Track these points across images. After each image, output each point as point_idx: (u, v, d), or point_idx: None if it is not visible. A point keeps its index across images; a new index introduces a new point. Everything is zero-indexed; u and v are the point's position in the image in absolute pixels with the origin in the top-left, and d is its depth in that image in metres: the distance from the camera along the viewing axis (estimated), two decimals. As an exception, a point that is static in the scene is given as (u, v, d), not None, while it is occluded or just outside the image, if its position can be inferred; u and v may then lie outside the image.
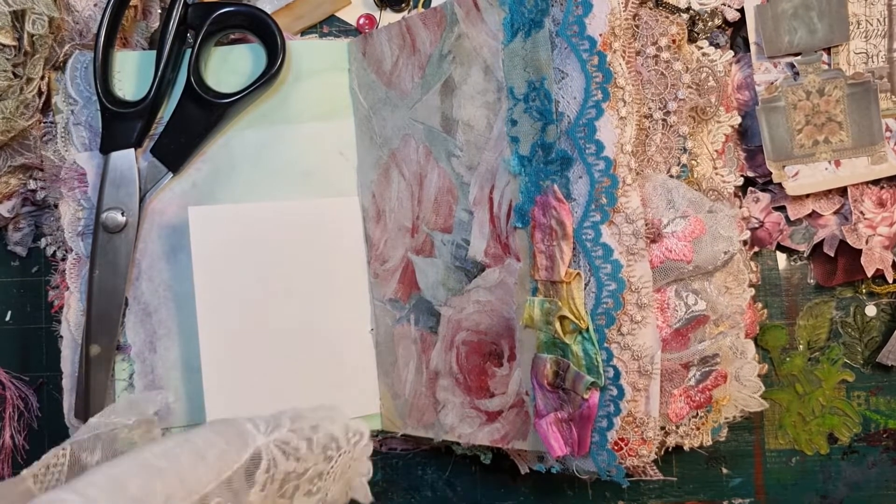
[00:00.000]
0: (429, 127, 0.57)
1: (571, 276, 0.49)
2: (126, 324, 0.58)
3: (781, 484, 0.62)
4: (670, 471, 0.62)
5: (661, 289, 0.52)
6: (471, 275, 0.55)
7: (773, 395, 0.61)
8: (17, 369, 0.62)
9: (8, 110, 0.56)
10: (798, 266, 0.61)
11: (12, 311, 0.63)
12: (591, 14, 0.48)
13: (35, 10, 0.54)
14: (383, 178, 0.59)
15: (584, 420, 0.49)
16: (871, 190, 0.58)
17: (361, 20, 0.63)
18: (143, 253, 0.58)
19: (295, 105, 0.60)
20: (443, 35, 0.55)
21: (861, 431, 0.61)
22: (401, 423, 0.59)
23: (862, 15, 0.56)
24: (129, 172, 0.57)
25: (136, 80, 0.58)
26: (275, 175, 0.59)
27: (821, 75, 0.56)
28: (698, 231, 0.52)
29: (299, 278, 0.58)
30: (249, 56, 0.59)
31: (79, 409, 0.56)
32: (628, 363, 0.49)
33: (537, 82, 0.50)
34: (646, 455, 0.49)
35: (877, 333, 0.61)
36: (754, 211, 0.59)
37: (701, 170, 0.56)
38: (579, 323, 0.49)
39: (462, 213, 0.55)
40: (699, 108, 0.55)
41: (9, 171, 0.59)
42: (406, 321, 0.59)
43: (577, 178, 0.49)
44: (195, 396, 0.57)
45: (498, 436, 0.54)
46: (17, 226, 0.62)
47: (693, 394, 0.53)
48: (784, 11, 0.56)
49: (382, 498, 0.63)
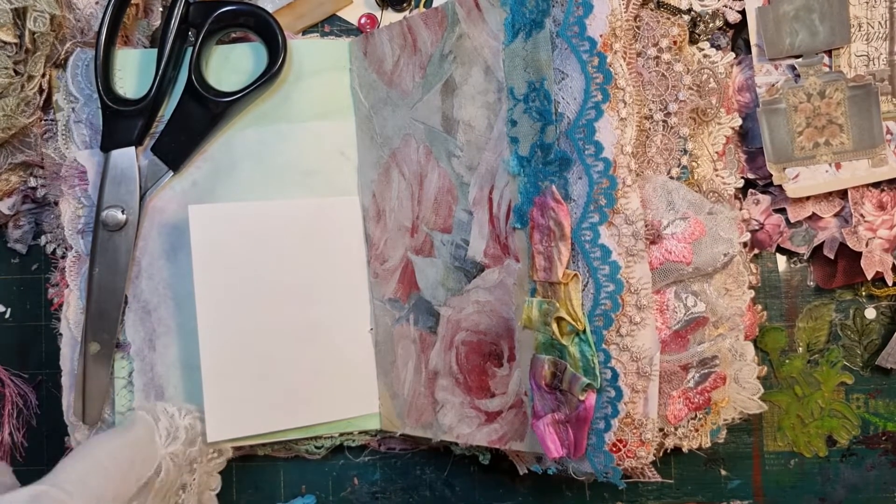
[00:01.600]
0: (429, 127, 0.57)
1: (569, 278, 0.49)
2: (126, 322, 0.58)
3: (780, 486, 0.61)
4: (669, 472, 0.62)
5: (661, 290, 0.52)
6: (470, 275, 0.55)
7: (772, 398, 0.61)
8: (17, 367, 0.62)
9: (9, 107, 0.56)
10: (798, 268, 0.61)
11: (12, 308, 0.63)
12: (592, 15, 0.48)
13: (37, 8, 0.54)
14: (384, 177, 0.59)
15: (581, 422, 0.49)
16: (871, 193, 0.57)
17: (363, 19, 0.63)
18: (143, 251, 0.58)
19: (296, 104, 0.60)
20: (444, 35, 0.55)
21: (860, 434, 0.61)
22: (399, 423, 0.59)
23: (863, 17, 0.56)
24: (130, 170, 0.57)
25: (137, 78, 0.58)
26: (275, 174, 0.59)
27: (822, 78, 0.56)
28: (698, 233, 0.52)
29: (299, 277, 0.58)
30: (250, 55, 0.60)
31: (78, 407, 0.57)
32: (627, 365, 0.49)
33: (537, 83, 0.50)
34: (644, 456, 0.49)
35: (876, 336, 0.61)
36: (754, 213, 0.59)
37: (701, 171, 0.56)
38: (576, 324, 0.49)
39: (462, 213, 0.55)
40: (700, 109, 0.55)
41: (9, 168, 0.59)
42: (405, 321, 0.59)
43: (575, 179, 0.49)
44: (194, 394, 0.57)
45: (496, 436, 0.54)
46: (17, 223, 0.62)
47: (692, 395, 0.53)
48: (785, 13, 0.56)
49: (381, 498, 0.63)
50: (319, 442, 0.61)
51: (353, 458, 0.63)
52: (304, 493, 0.63)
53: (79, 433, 0.57)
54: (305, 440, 0.60)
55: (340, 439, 0.61)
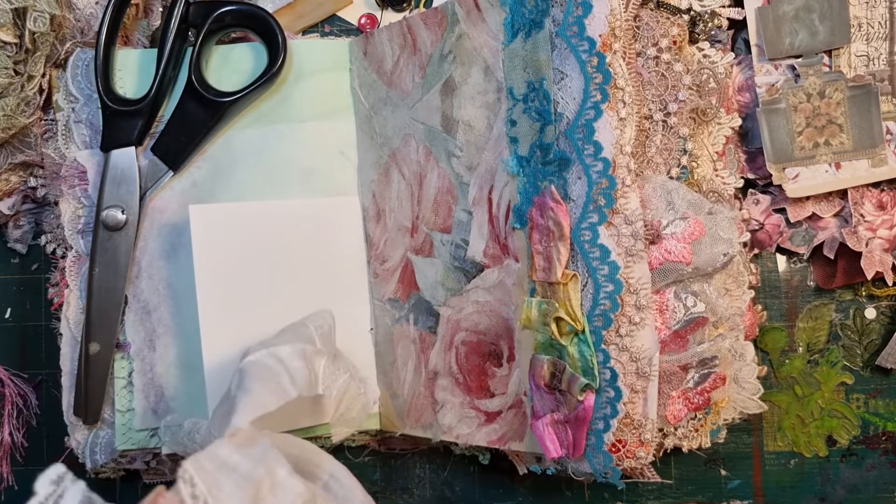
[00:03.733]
0: (429, 127, 0.57)
1: (568, 278, 0.49)
2: (125, 322, 0.58)
3: (780, 486, 0.61)
4: (669, 472, 0.62)
5: (660, 290, 0.52)
6: (470, 275, 0.55)
7: (772, 398, 0.61)
8: (17, 367, 0.62)
9: (9, 107, 0.56)
10: (798, 268, 0.61)
11: (12, 308, 0.63)
12: (591, 15, 0.48)
13: (37, 8, 0.54)
14: (383, 177, 0.59)
15: (580, 422, 0.49)
16: (871, 193, 0.57)
17: (363, 19, 0.63)
18: (142, 251, 0.58)
19: (296, 104, 0.60)
20: (444, 35, 0.55)
21: (860, 434, 0.61)
22: (399, 423, 0.59)
23: (863, 17, 0.56)
24: (130, 170, 0.57)
25: (137, 78, 0.58)
26: (275, 174, 0.59)
27: (822, 78, 0.56)
28: (698, 233, 0.52)
29: (299, 277, 0.58)
30: (250, 55, 0.60)
31: (78, 407, 0.57)
32: (626, 365, 0.49)
33: (536, 83, 0.50)
34: (643, 457, 0.49)
35: (876, 336, 0.61)
36: (754, 213, 0.59)
37: (701, 171, 0.56)
38: (575, 324, 0.49)
39: (461, 213, 0.55)
40: (700, 109, 0.55)
41: (9, 168, 0.59)
42: (405, 321, 0.59)
43: (574, 179, 0.49)
44: (194, 394, 0.57)
45: (495, 437, 0.54)
46: (17, 223, 0.62)
47: (691, 396, 0.53)
48: (785, 13, 0.56)
49: (380, 497, 0.63)
50: (319, 442, 0.61)
51: (353, 458, 0.63)
52: (303, 493, 0.63)
53: (79, 433, 0.57)
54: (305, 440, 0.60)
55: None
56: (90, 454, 0.57)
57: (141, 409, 0.57)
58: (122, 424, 0.57)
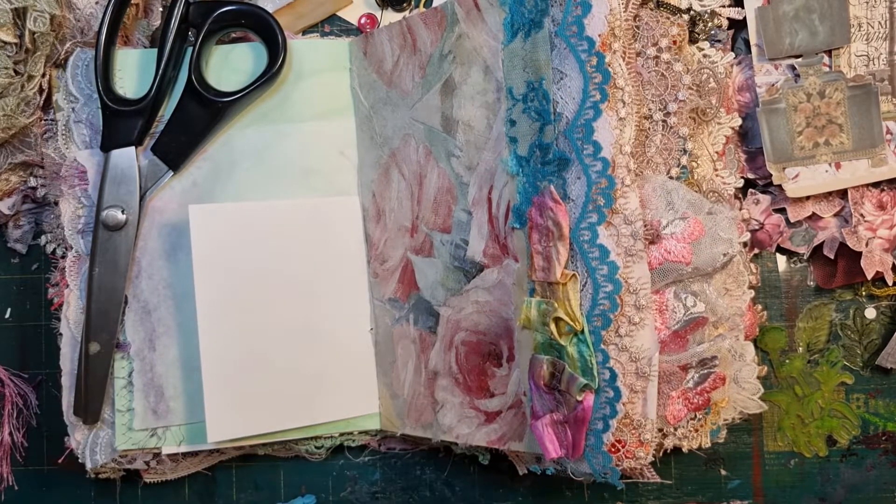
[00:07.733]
0: (429, 127, 0.57)
1: (567, 278, 0.49)
2: (125, 322, 0.58)
3: (780, 486, 0.61)
4: (669, 472, 0.62)
5: (660, 290, 0.52)
6: (469, 275, 0.55)
7: (772, 398, 0.61)
8: (17, 367, 0.62)
9: (9, 107, 0.56)
10: (798, 268, 0.61)
11: (12, 308, 0.63)
12: (590, 14, 0.48)
13: (37, 8, 0.54)
14: (383, 177, 0.59)
15: (579, 422, 0.49)
16: (871, 192, 0.57)
17: (363, 19, 0.63)
18: (142, 251, 0.58)
19: (296, 104, 0.60)
20: (443, 35, 0.55)
21: (860, 434, 0.61)
22: (399, 423, 0.59)
23: (863, 17, 0.56)
24: (130, 170, 0.57)
25: (137, 78, 0.58)
26: (275, 174, 0.59)
27: (822, 78, 0.56)
28: (697, 233, 0.52)
29: (299, 277, 0.58)
30: (250, 55, 0.60)
31: (78, 407, 0.57)
32: (626, 365, 0.49)
33: (536, 83, 0.50)
34: (643, 457, 0.49)
35: (876, 336, 0.61)
36: (754, 213, 0.59)
37: (701, 171, 0.56)
38: (574, 324, 0.49)
39: (461, 213, 0.55)
40: (700, 109, 0.55)
41: (9, 168, 0.59)
42: (405, 321, 0.59)
43: (574, 178, 0.49)
44: (194, 394, 0.57)
45: (495, 437, 0.54)
46: (17, 223, 0.62)
47: (691, 396, 0.53)
48: (785, 13, 0.56)
49: (381, 498, 0.63)
50: (319, 442, 0.61)
51: (353, 458, 0.63)
52: (304, 493, 0.63)
53: (79, 433, 0.57)
54: (305, 440, 0.60)
55: (340, 439, 0.61)
56: (90, 454, 0.57)
57: (141, 409, 0.57)
58: (122, 424, 0.57)
